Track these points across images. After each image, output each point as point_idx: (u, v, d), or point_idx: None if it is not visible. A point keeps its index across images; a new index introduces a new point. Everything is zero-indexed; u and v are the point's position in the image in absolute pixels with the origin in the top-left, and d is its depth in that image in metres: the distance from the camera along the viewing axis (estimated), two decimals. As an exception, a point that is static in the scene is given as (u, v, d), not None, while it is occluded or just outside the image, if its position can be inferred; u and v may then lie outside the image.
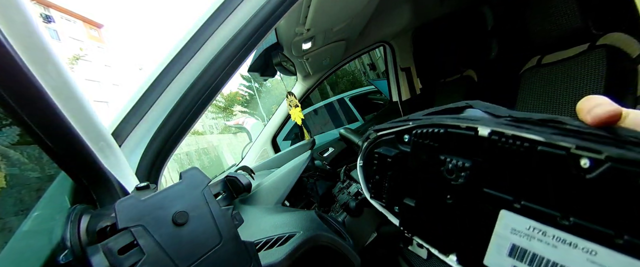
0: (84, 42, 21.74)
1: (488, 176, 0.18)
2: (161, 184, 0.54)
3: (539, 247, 0.16)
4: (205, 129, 16.00)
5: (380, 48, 2.06)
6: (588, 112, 0.18)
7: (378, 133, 0.25)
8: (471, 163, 0.18)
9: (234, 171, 0.65)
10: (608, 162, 0.14)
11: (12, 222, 0.32)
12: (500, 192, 0.18)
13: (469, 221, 0.19)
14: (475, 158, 0.18)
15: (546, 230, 0.16)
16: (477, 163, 0.18)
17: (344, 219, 0.83)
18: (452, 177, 0.19)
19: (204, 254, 0.27)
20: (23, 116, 0.26)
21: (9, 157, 0.34)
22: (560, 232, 0.16)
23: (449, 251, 0.21)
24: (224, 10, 0.55)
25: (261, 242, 0.52)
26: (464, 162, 0.18)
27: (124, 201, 0.26)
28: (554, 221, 0.16)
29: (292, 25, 1.17)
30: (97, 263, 0.22)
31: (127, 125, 0.48)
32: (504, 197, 0.17)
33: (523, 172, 0.16)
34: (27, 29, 0.26)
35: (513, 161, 0.16)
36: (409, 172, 0.23)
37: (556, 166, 0.15)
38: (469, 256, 0.20)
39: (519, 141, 0.16)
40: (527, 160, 0.16)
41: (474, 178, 0.18)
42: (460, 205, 0.20)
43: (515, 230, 0.17)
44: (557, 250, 0.16)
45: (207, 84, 0.53)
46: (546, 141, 0.15)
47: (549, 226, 0.16)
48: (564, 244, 0.16)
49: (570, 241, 0.15)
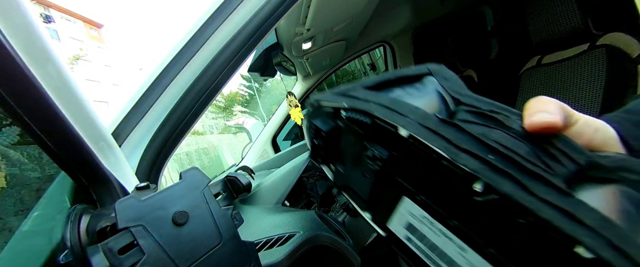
0: (84, 42, 21.74)
1: (399, 167, 0.20)
2: (161, 184, 0.54)
3: (426, 231, 0.20)
4: (205, 129, 16.00)
5: (380, 48, 2.06)
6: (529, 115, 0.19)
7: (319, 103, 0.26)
8: (388, 155, 0.20)
9: (234, 171, 0.64)
10: (496, 196, 0.15)
11: (12, 222, 0.32)
12: (406, 182, 0.20)
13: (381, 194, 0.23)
14: (391, 151, 0.20)
15: (434, 222, 0.19)
16: (392, 156, 0.20)
17: (344, 219, 0.83)
18: (370, 163, 0.22)
19: (204, 254, 0.27)
20: (23, 116, 0.26)
21: (9, 157, 0.34)
22: (443, 228, 0.19)
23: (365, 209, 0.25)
24: (224, 10, 0.55)
25: (261, 242, 0.52)
26: (382, 153, 0.21)
27: (124, 201, 0.26)
28: (441, 217, 0.19)
29: (292, 25, 1.17)
30: (97, 263, 0.22)
31: (127, 125, 0.48)
32: (408, 188, 0.20)
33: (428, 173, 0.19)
34: (27, 29, 0.26)
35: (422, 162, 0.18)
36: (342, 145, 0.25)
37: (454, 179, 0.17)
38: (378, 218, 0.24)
39: (430, 150, 0.17)
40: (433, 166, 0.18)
41: (388, 167, 0.21)
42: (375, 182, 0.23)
43: (412, 214, 0.21)
44: (439, 238, 0.20)
45: (207, 84, 0.53)
46: (451, 158, 0.17)
47: (436, 220, 0.19)
48: (445, 236, 0.19)
49: (449, 236, 0.19)
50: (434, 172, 0.18)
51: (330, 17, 1.19)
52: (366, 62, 3.52)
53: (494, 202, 0.15)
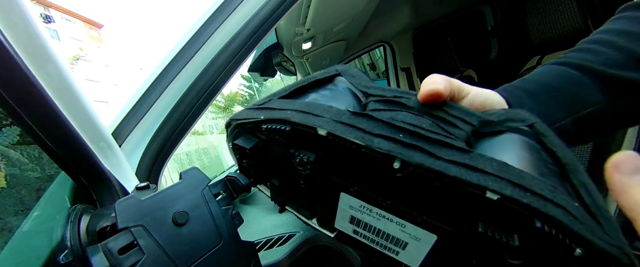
0: (84, 42, 21.75)
1: (329, 166, 0.21)
2: (161, 184, 0.54)
3: (368, 219, 0.22)
4: (205, 129, 16.00)
5: (380, 48, 2.06)
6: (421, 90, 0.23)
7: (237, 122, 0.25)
8: (314, 157, 0.21)
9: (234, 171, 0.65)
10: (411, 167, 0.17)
11: (12, 222, 0.32)
12: (338, 178, 0.22)
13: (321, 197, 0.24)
14: (317, 152, 0.21)
15: (372, 208, 0.21)
16: (319, 156, 0.21)
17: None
18: (301, 169, 0.22)
19: (204, 254, 0.27)
20: (23, 116, 0.26)
21: (9, 157, 0.34)
22: (381, 211, 0.21)
23: (312, 217, 0.26)
24: (224, 10, 0.55)
25: (261, 242, 0.52)
26: (309, 156, 0.21)
27: (124, 200, 0.26)
28: (376, 202, 0.21)
29: (292, 25, 1.17)
30: (97, 263, 0.22)
31: (127, 125, 0.48)
32: (342, 183, 0.22)
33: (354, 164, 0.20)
34: (27, 29, 0.26)
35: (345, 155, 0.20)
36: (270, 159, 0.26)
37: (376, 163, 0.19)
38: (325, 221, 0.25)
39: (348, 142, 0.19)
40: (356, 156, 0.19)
41: (318, 168, 0.22)
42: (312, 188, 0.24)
43: (352, 206, 0.22)
44: (379, 221, 0.22)
45: (207, 84, 0.53)
46: (367, 145, 0.18)
47: (373, 206, 0.21)
48: (384, 218, 0.21)
49: (388, 217, 0.21)
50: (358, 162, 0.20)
51: (330, 17, 1.19)
52: (366, 62, 3.51)
53: (412, 174, 0.18)
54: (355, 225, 0.23)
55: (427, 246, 0.20)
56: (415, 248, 0.21)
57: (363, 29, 1.64)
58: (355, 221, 0.23)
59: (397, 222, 0.21)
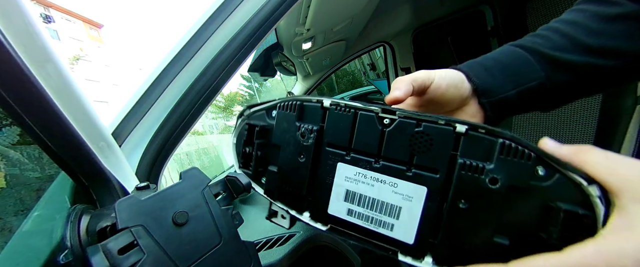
0: (84, 42, 21.75)
1: (328, 136, 0.26)
2: (161, 184, 0.54)
3: (363, 189, 0.24)
4: (205, 129, 16.00)
5: (380, 48, 2.05)
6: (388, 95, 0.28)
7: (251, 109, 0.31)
8: (318, 127, 0.26)
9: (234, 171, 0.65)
10: (398, 118, 0.23)
11: (12, 222, 0.32)
12: (336, 149, 0.26)
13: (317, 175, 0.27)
14: (320, 123, 0.26)
15: (366, 173, 0.24)
16: (321, 127, 0.26)
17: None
18: (304, 139, 0.26)
19: (204, 254, 0.27)
20: (23, 116, 0.26)
21: (9, 157, 0.34)
22: (374, 174, 0.24)
23: (303, 210, 0.28)
24: (223, 11, 0.55)
25: (261, 242, 0.52)
26: (313, 126, 0.26)
27: (124, 200, 0.26)
28: (370, 165, 0.24)
29: (292, 25, 1.17)
30: (97, 263, 0.22)
31: (127, 125, 0.48)
32: (339, 152, 0.25)
33: (351, 129, 0.25)
34: (27, 29, 0.26)
35: (345, 121, 0.25)
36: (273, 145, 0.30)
37: (369, 122, 0.24)
38: (317, 211, 0.27)
39: (348, 107, 0.25)
40: (353, 119, 0.24)
41: (319, 138, 0.26)
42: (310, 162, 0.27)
43: (348, 177, 0.25)
44: (374, 188, 0.24)
45: (207, 84, 0.53)
46: (363, 107, 0.24)
47: (367, 170, 0.24)
48: (378, 182, 0.24)
49: (381, 179, 0.24)
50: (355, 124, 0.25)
51: (330, 17, 1.19)
52: (366, 62, 3.51)
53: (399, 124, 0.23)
54: (350, 201, 0.25)
55: (420, 205, 0.23)
56: (408, 214, 0.23)
57: (363, 29, 1.64)
58: (350, 196, 0.25)
59: (390, 182, 0.24)
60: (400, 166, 0.23)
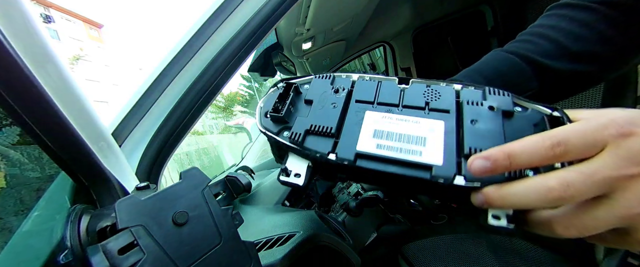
0: (84, 42, 21.75)
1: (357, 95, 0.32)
2: (161, 184, 0.54)
3: (389, 126, 0.29)
4: (205, 129, 15.97)
5: (380, 48, 2.05)
6: None
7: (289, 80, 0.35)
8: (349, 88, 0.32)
9: (234, 171, 0.65)
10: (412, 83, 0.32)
11: (12, 222, 0.32)
12: (364, 102, 0.31)
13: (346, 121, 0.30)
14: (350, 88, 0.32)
15: (391, 116, 0.29)
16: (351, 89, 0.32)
17: (344, 219, 0.83)
18: (338, 94, 0.32)
19: (204, 254, 0.27)
20: (23, 116, 0.26)
21: (9, 157, 0.34)
22: (398, 115, 0.29)
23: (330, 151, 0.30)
24: (224, 10, 0.55)
25: (261, 242, 0.52)
26: (345, 86, 0.32)
27: (124, 200, 0.26)
28: (394, 110, 0.30)
29: (292, 25, 1.17)
30: (97, 263, 0.22)
31: (127, 125, 0.48)
32: (367, 103, 0.31)
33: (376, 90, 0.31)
34: (27, 29, 0.26)
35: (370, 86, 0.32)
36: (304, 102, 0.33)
37: (390, 85, 0.32)
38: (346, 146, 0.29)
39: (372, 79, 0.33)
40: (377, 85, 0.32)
41: (349, 95, 0.32)
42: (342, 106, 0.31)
43: (376, 120, 0.29)
44: (399, 126, 0.29)
45: (207, 84, 0.53)
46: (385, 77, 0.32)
47: (392, 113, 0.29)
48: (402, 121, 0.29)
49: (404, 118, 0.29)
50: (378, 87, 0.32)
51: (330, 17, 1.19)
52: (366, 62, 3.51)
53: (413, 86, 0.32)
54: (378, 137, 0.28)
55: (441, 134, 0.27)
56: (433, 141, 0.27)
57: (363, 29, 1.64)
58: (378, 133, 0.28)
59: (413, 120, 0.28)
60: (419, 110, 0.29)
